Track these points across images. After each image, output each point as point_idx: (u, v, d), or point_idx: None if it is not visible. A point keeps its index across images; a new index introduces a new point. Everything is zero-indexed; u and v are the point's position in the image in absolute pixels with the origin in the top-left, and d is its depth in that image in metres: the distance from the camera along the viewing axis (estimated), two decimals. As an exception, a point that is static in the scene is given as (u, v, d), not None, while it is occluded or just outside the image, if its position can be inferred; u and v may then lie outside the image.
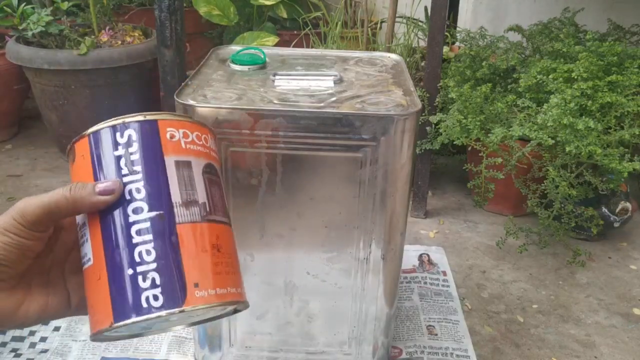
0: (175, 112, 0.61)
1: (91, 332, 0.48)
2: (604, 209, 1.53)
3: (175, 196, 0.49)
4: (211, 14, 2.26)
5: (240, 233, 0.94)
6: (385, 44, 1.92)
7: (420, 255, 1.52)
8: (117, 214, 0.48)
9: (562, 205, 1.40)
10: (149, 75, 2.01)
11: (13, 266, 0.48)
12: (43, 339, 1.19)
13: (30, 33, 1.88)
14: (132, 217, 0.47)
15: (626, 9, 2.13)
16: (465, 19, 2.30)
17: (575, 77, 1.37)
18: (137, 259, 0.47)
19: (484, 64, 1.61)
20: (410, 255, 1.51)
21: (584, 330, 1.28)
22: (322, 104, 0.88)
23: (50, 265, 0.53)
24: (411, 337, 1.23)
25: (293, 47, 1.61)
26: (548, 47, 1.58)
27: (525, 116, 1.40)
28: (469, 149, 1.60)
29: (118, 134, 0.49)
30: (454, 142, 1.48)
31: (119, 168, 0.49)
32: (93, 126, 0.50)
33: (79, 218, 0.51)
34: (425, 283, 1.41)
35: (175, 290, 0.46)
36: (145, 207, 0.48)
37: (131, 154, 0.49)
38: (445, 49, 1.88)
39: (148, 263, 0.46)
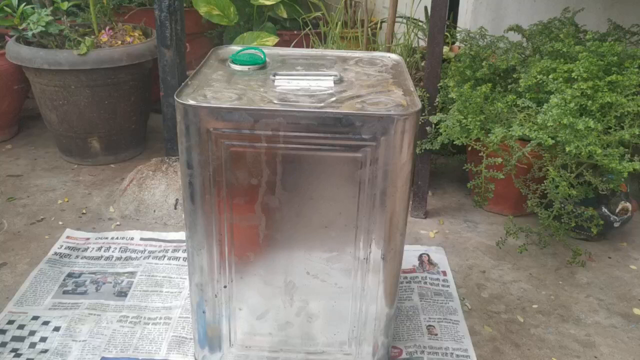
0: None
1: None
2: (604, 209, 1.53)
3: None
4: (211, 14, 2.27)
5: (241, 233, 0.95)
6: (385, 44, 1.92)
7: (420, 255, 1.52)
8: None
9: (562, 205, 1.40)
10: (149, 75, 2.02)
11: None
12: (43, 339, 1.19)
13: (30, 33, 1.88)
14: None
15: (626, 9, 2.13)
16: (465, 19, 2.30)
17: (575, 77, 1.37)
18: None
19: (484, 64, 1.61)
20: (410, 255, 1.51)
21: (584, 330, 1.28)
22: (322, 104, 0.88)
23: None
24: (411, 337, 1.23)
25: (293, 47, 1.61)
26: (548, 47, 1.58)
27: (525, 116, 1.40)
28: (469, 149, 1.60)
29: None
30: (454, 142, 1.48)
31: None
32: None
33: None
34: (425, 283, 1.41)
35: None
36: None
37: None
38: (445, 49, 1.88)
39: None
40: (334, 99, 0.91)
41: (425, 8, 2.04)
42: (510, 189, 1.54)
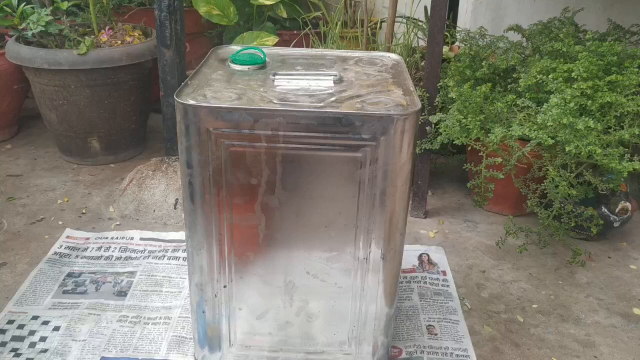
0: None
1: None
2: (604, 209, 1.53)
3: None
4: (211, 14, 2.27)
5: (241, 233, 0.95)
6: (385, 44, 1.92)
7: (420, 255, 1.52)
8: None
9: (562, 205, 1.40)
10: (149, 75, 2.02)
11: None
12: (43, 339, 1.19)
13: (30, 33, 1.88)
14: None
15: (626, 9, 2.13)
16: (465, 19, 2.29)
17: (575, 77, 1.37)
18: None
19: (484, 64, 1.61)
20: (410, 255, 1.51)
21: (584, 330, 1.28)
22: (322, 104, 0.88)
23: None
24: (411, 337, 1.23)
25: (293, 47, 1.61)
26: (548, 47, 1.58)
27: (525, 116, 1.40)
28: (469, 149, 1.60)
29: None
30: (454, 142, 1.48)
31: None
32: None
33: None
34: (425, 283, 1.41)
35: None
36: None
37: None
38: (445, 49, 1.88)
39: None
40: (334, 99, 0.91)
41: (425, 8, 2.04)
42: (510, 189, 1.54)
